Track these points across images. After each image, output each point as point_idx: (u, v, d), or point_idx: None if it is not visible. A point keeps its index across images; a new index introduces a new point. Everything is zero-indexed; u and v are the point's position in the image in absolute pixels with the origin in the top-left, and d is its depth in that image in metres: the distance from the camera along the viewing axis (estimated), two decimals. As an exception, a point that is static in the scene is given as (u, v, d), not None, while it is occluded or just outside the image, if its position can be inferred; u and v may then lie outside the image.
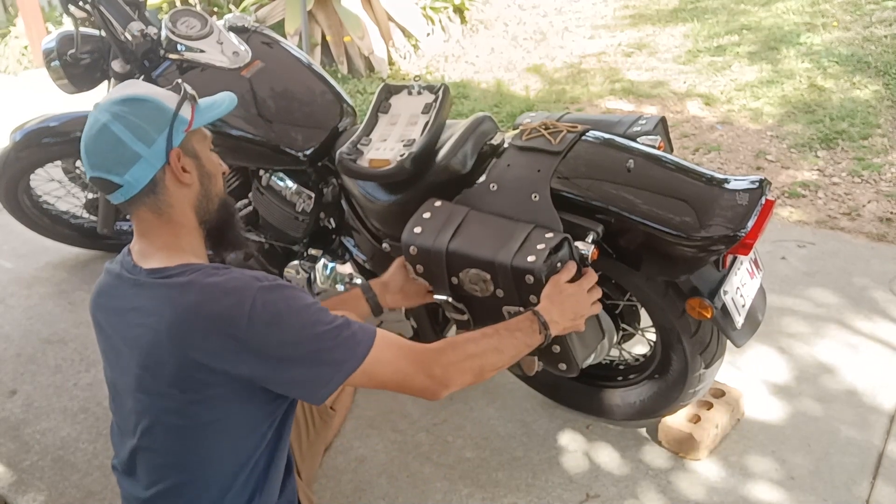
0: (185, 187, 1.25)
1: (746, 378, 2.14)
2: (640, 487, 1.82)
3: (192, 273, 1.18)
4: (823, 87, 4.03)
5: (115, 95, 1.22)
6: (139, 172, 1.20)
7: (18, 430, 2.14)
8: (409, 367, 1.22)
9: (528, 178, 1.57)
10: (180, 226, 1.26)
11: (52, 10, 6.74)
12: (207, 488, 1.25)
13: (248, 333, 1.13)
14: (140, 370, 1.18)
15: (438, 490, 1.85)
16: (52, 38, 2.39)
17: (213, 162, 1.32)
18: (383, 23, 5.19)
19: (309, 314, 1.17)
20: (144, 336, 1.17)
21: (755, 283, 1.70)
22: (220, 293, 1.14)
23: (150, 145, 1.19)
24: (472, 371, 1.28)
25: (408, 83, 1.90)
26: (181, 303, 1.14)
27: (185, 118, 1.23)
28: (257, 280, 1.17)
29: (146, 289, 1.20)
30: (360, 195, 1.88)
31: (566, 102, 4.44)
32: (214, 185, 1.31)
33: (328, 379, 1.17)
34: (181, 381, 1.16)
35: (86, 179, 2.79)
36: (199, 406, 1.18)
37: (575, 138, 1.61)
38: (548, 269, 1.42)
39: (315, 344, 1.16)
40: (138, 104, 1.21)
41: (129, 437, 1.27)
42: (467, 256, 1.48)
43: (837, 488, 1.78)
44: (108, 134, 1.18)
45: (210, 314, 1.13)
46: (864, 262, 2.70)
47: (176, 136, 1.22)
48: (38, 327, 2.64)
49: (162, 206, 1.24)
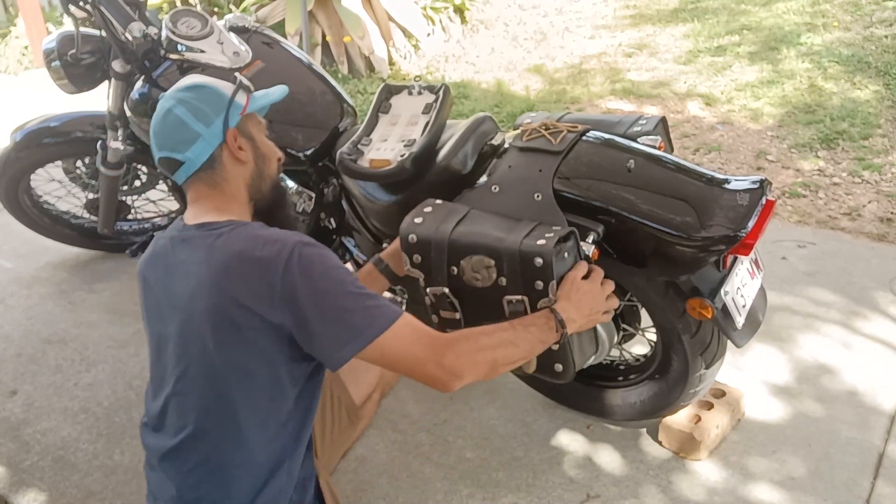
0: (240, 164, 1.36)
1: (747, 378, 2.14)
2: (640, 487, 1.82)
3: (239, 227, 1.28)
4: (824, 88, 4.03)
5: (179, 85, 1.37)
6: (199, 149, 1.32)
7: (19, 430, 2.15)
8: (422, 352, 1.23)
9: (529, 178, 1.57)
10: (232, 197, 1.36)
11: (53, 10, 6.75)
12: (232, 440, 1.27)
13: (283, 281, 1.19)
14: (184, 315, 1.26)
15: (439, 490, 1.85)
16: (53, 39, 2.39)
17: (267, 146, 1.44)
18: (384, 23, 5.19)
19: (341, 275, 1.23)
20: (190, 282, 1.25)
21: (756, 284, 1.70)
22: (261, 242, 1.23)
23: (209, 125, 1.32)
24: (485, 363, 1.29)
25: (408, 83, 1.90)
26: (225, 249, 1.24)
27: (239, 103, 1.37)
28: (297, 235, 1.25)
29: (194, 241, 1.29)
30: (361, 195, 1.88)
31: (567, 103, 4.44)
32: (268, 166, 1.42)
33: (346, 342, 1.20)
34: (218, 322, 1.22)
35: (86, 179, 2.79)
36: (232, 350, 1.23)
37: (575, 138, 1.61)
38: (556, 254, 1.40)
39: (341, 302, 1.21)
40: (198, 90, 1.35)
41: (164, 389, 1.33)
42: (472, 243, 1.47)
43: (838, 488, 1.78)
44: (172, 117, 1.32)
45: (251, 259, 1.21)
46: (864, 262, 2.70)
47: (232, 118, 1.35)
48: (39, 327, 2.64)
49: (217, 180, 1.35)
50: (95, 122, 2.62)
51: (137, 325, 2.61)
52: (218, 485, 1.28)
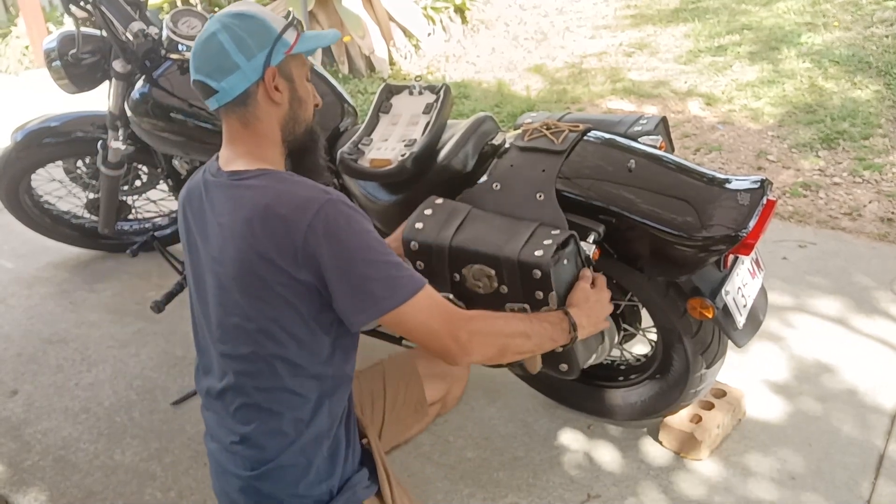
0: (274, 105, 1.30)
1: (747, 378, 2.14)
2: (641, 487, 1.82)
3: (266, 177, 1.25)
4: (824, 87, 4.03)
5: (230, 9, 1.29)
6: (235, 81, 1.26)
7: (19, 430, 2.15)
8: (439, 325, 1.24)
9: (532, 177, 1.57)
10: (264, 137, 1.31)
11: (54, 10, 6.75)
12: (271, 385, 1.28)
13: (306, 241, 1.17)
14: (217, 265, 1.27)
15: (439, 490, 1.85)
16: (54, 38, 2.39)
17: (306, 89, 1.37)
18: (384, 23, 5.19)
19: (366, 239, 1.21)
20: (223, 233, 1.25)
21: (756, 283, 1.70)
22: (287, 198, 1.20)
23: (250, 59, 1.25)
24: (496, 346, 1.30)
25: (409, 83, 1.90)
26: (253, 202, 1.21)
27: (287, 41, 1.29)
28: (326, 193, 1.21)
29: (225, 190, 1.27)
30: (362, 195, 1.88)
31: (567, 102, 4.44)
32: (304, 110, 1.36)
33: (364, 308, 1.20)
34: (245, 275, 1.22)
35: (87, 179, 2.80)
36: (262, 302, 1.23)
37: (577, 138, 1.61)
38: (555, 264, 1.41)
39: (363, 268, 1.19)
40: (247, 19, 1.27)
41: (205, 333, 1.36)
42: (472, 251, 1.48)
43: (838, 488, 1.78)
44: (215, 41, 1.25)
45: (276, 215, 1.19)
46: (864, 262, 2.70)
47: (275, 55, 1.27)
48: (39, 327, 2.64)
49: (250, 118, 1.30)
50: (96, 122, 2.62)
51: (138, 324, 2.61)
52: (265, 421, 1.30)
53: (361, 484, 1.37)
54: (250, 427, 1.30)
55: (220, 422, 1.36)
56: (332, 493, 1.34)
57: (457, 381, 1.70)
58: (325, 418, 1.32)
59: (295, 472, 1.31)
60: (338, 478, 1.34)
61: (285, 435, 1.30)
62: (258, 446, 1.31)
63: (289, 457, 1.30)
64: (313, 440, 1.31)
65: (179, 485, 1.93)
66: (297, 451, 1.30)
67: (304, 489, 1.31)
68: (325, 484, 1.32)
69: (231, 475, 1.34)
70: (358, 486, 1.36)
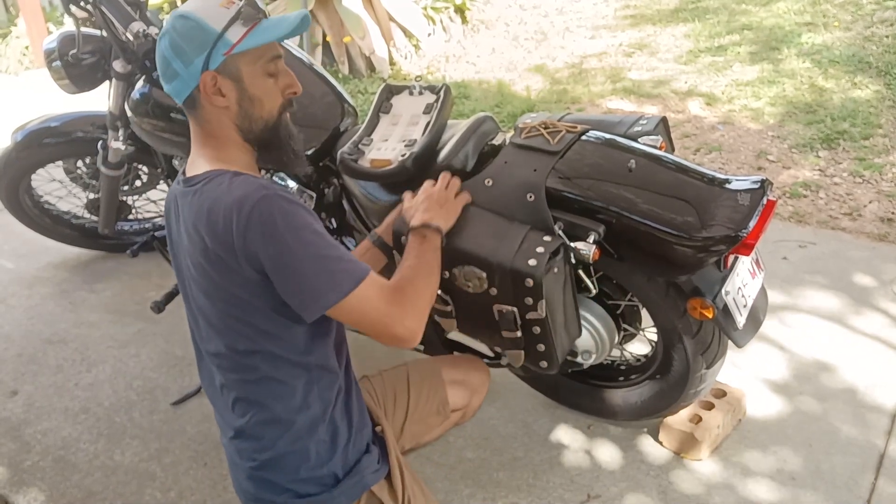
0: (221, 107, 1.25)
1: (747, 378, 2.14)
2: (641, 487, 1.82)
3: (212, 181, 1.23)
4: (824, 87, 4.03)
5: (177, 10, 1.23)
6: (178, 88, 1.24)
7: (19, 431, 2.15)
8: (386, 308, 1.22)
9: (523, 176, 1.57)
10: (221, 138, 1.28)
11: (54, 10, 6.75)
12: (254, 379, 1.29)
13: (245, 240, 1.16)
14: (184, 273, 1.31)
15: (439, 490, 1.85)
16: (54, 39, 2.39)
17: (262, 86, 1.26)
18: (384, 23, 5.19)
19: (303, 234, 1.18)
20: (182, 241, 1.28)
21: (756, 284, 1.70)
22: (224, 200, 1.18)
23: (188, 66, 1.21)
24: (427, 308, 1.31)
25: (409, 83, 1.89)
26: (198, 209, 1.21)
27: (229, 40, 1.20)
28: (262, 189, 1.18)
29: (182, 197, 1.27)
30: (362, 195, 1.88)
31: (567, 102, 4.44)
32: (258, 108, 1.27)
33: (306, 305, 1.19)
34: (202, 278, 1.24)
35: (87, 179, 2.79)
36: (224, 303, 1.24)
37: (573, 139, 1.60)
38: (546, 273, 1.43)
39: (301, 265, 1.17)
40: (182, 21, 1.21)
41: (192, 331, 1.38)
42: (463, 252, 1.49)
43: (839, 488, 1.78)
44: (161, 47, 1.23)
45: (216, 219, 1.18)
46: (864, 262, 2.70)
47: (214, 59, 1.20)
48: (40, 327, 2.64)
49: (201, 122, 1.27)
50: (96, 122, 2.62)
51: (138, 324, 2.61)
52: (257, 412, 1.31)
53: (370, 468, 1.37)
54: (245, 419, 1.32)
55: (223, 417, 1.39)
56: (337, 477, 1.34)
57: (476, 392, 1.70)
58: (316, 403, 1.32)
59: (295, 459, 1.32)
60: (340, 460, 1.34)
61: (279, 423, 1.31)
62: (255, 437, 1.32)
63: (286, 445, 1.31)
64: (308, 426, 1.32)
65: (179, 485, 1.93)
66: (293, 439, 1.31)
67: (305, 473, 1.32)
68: (326, 467, 1.33)
69: (238, 467, 1.38)
70: (366, 471, 1.37)
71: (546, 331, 1.50)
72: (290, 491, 1.33)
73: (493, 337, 1.59)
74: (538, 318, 1.48)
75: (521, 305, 1.47)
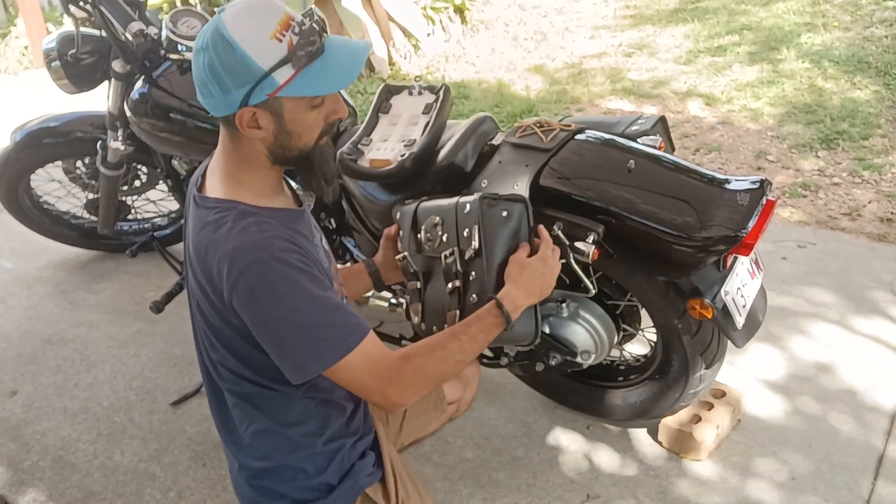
0: (257, 132, 1.16)
1: (747, 378, 2.14)
2: (640, 488, 1.82)
3: (216, 214, 1.18)
4: (824, 88, 4.03)
5: (219, 22, 1.10)
6: (210, 105, 1.16)
7: (19, 431, 2.15)
8: (370, 382, 1.20)
9: (515, 173, 1.58)
10: (252, 161, 1.21)
11: (53, 10, 6.75)
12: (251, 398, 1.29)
13: (232, 297, 1.14)
14: (191, 276, 1.28)
15: (439, 490, 1.85)
16: (53, 39, 2.39)
17: (301, 122, 1.17)
18: (384, 23, 5.19)
19: (294, 301, 1.13)
20: (189, 250, 1.26)
21: (756, 284, 1.70)
22: (221, 247, 1.14)
23: (225, 93, 1.11)
24: (429, 386, 1.27)
25: (408, 83, 1.90)
26: (200, 236, 1.19)
27: (275, 82, 1.10)
28: (256, 250, 1.12)
29: (194, 207, 1.26)
30: (361, 195, 1.88)
31: (567, 103, 4.44)
32: (295, 140, 1.19)
33: (289, 370, 1.17)
34: (199, 300, 1.24)
35: (86, 180, 2.79)
36: (217, 329, 1.24)
37: (567, 137, 1.61)
38: (489, 208, 1.38)
39: (288, 333, 1.14)
40: (225, 47, 1.08)
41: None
42: (430, 206, 1.51)
43: (838, 488, 1.78)
44: (198, 62, 1.13)
45: (210, 263, 1.16)
46: (864, 262, 2.70)
47: (255, 96, 1.11)
48: (39, 327, 2.64)
49: (234, 135, 1.19)
50: (95, 123, 2.62)
51: (137, 325, 2.61)
52: (253, 422, 1.32)
53: (364, 472, 1.37)
54: (243, 427, 1.33)
55: (221, 421, 1.39)
56: (332, 486, 1.34)
57: (469, 384, 1.70)
58: (314, 417, 1.32)
59: (290, 471, 1.32)
60: (336, 470, 1.34)
61: (275, 435, 1.31)
62: (251, 446, 1.33)
63: (282, 456, 1.32)
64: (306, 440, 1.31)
65: (179, 485, 1.93)
66: (289, 450, 1.32)
67: (302, 482, 1.33)
68: (323, 476, 1.33)
69: (236, 471, 1.39)
70: (360, 474, 1.36)
71: (481, 272, 1.41)
72: (286, 497, 1.34)
73: (441, 299, 1.49)
74: (475, 256, 1.40)
75: (460, 240, 1.43)
